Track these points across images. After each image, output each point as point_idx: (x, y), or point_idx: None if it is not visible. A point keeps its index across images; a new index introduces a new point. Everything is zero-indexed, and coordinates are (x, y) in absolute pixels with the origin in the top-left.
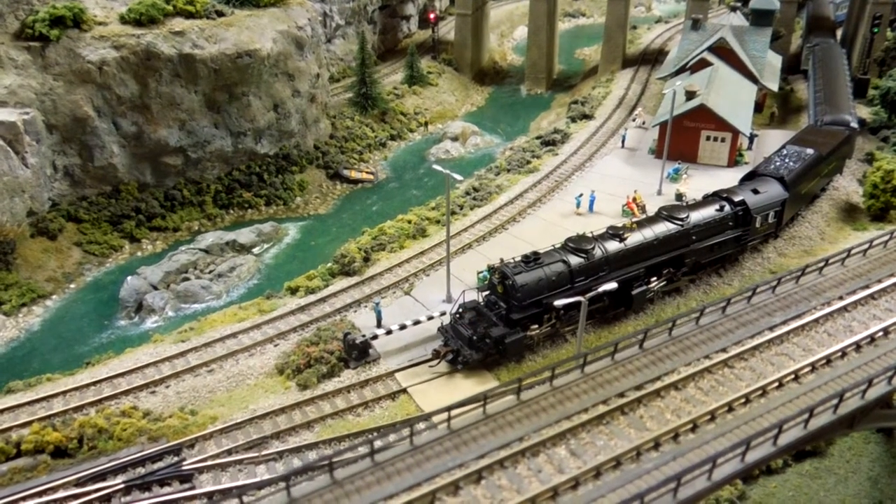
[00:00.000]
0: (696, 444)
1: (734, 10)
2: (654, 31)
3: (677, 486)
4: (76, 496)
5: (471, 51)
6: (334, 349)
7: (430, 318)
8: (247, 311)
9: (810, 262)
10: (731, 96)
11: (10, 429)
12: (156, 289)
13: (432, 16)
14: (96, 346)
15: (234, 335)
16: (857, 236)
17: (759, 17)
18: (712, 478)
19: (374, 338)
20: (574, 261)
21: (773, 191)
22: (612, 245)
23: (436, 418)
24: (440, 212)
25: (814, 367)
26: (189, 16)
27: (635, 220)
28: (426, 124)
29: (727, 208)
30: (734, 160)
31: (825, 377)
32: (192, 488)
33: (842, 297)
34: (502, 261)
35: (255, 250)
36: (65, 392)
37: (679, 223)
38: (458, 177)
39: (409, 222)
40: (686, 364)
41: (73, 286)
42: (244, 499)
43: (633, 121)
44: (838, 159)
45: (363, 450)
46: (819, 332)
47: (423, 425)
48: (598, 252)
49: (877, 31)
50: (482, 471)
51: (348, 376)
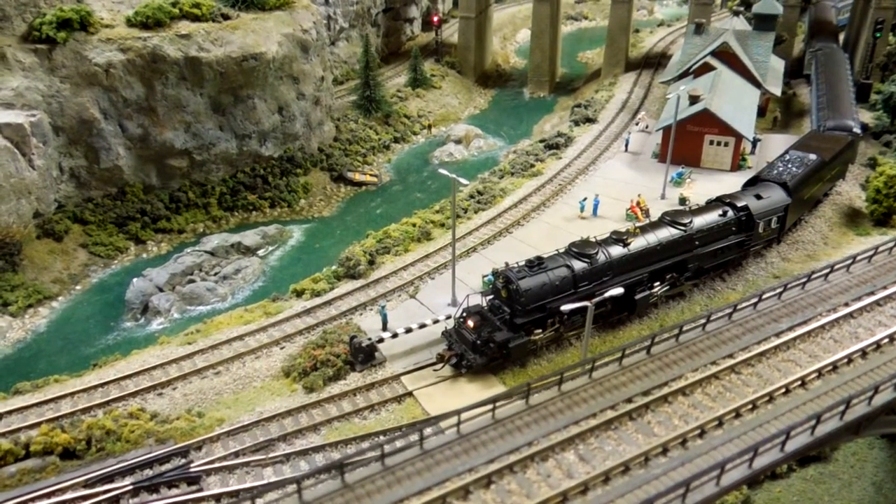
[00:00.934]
0: (703, 449)
1: (737, 14)
2: (657, 34)
3: (686, 492)
4: (84, 497)
5: (474, 54)
6: (340, 352)
7: (436, 321)
8: (252, 314)
9: (814, 267)
10: (734, 101)
11: (18, 430)
12: (161, 291)
13: (435, 19)
14: (102, 347)
15: (240, 337)
16: (860, 241)
17: (762, 22)
18: (720, 483)
19: (380, 341)
20: (578, 265)
21: (775, 196)
22: (616, 250)
23: (445, 422)
24: (444, 215)
25: (820, 373)
26: (195, 19)
27: (639, 225)
28: (429, 127)
29: (730, 213)
30: (737, 164)
31: (832, 383)
32: (200, 490)
33: (847, 304)
34: (507, 265)
35: (260, 252)
36: (73, 393)
37: (682, 228)
38: (463, 181)
39: (414, 225)
40: (693, 370)
41: (78, 287)
42: (257, 501)
43: (637, 125)
44: (841, 164)
45: (373, 454)
46: (825, 339)
47: (431, 429)
48: (601, 257)
49: (879, 35)
50: (492, 475)
51: (354, 379)
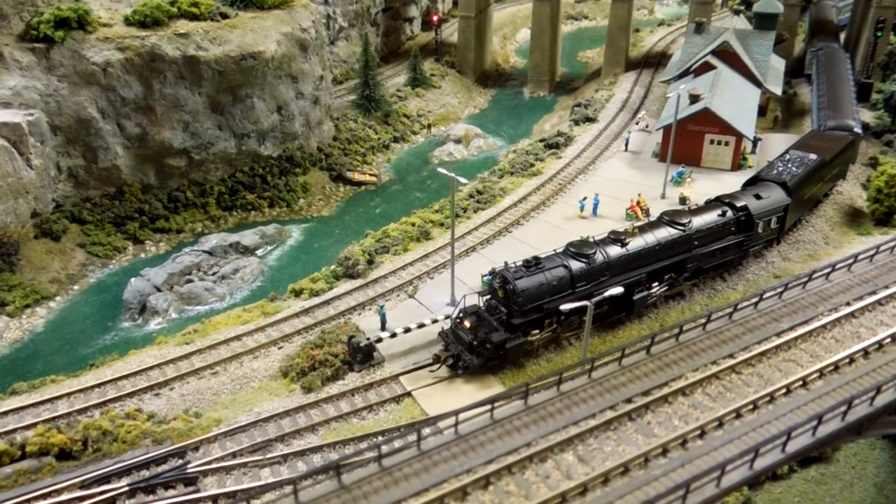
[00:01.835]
0: (704, 450)
1: (737, 13)
2: (657, 34)
3: (686, 493)
4: (81, 499)
5: (474, 53)
6: (339, 352)
7: (435, 321)
8: (251, 314)
9: (815, 266)
10: (734, 100)
11: (14, 431)
12: (159, 290)
13: (435, 18)
14: (100, 347)
15: (238, 337)
16: (861, 241)
17: (763, 21)
18: (721, 485)
19: (379, 341)
20: (575, 266)
21: (775, 196)
22: (614, 250)
23: (442, 423)
24: (444, 214)
25: (822, 373)
26: (193, 18)
27: (637, 224)
28: (429, 127)
29: (729, 213)
30: (738, 164)
31: (833, 384)
32: (197, 491)
33: (849, 303)
34: (506, 264)
35: (259, 252)
36: (69, 394)
37: (681, 228)
38: (463, 180)
39: (413, 225)
40: (694, 370)
41: (76, 287)
42: (254, 503)
43: (637, 124)
44: (841, 164)
45: (370, 454)
46: (827, 338)
47: (429, 430)
48: (599, 257)
49: (880, 34)
50: (490, 476)
51: (353, 379)
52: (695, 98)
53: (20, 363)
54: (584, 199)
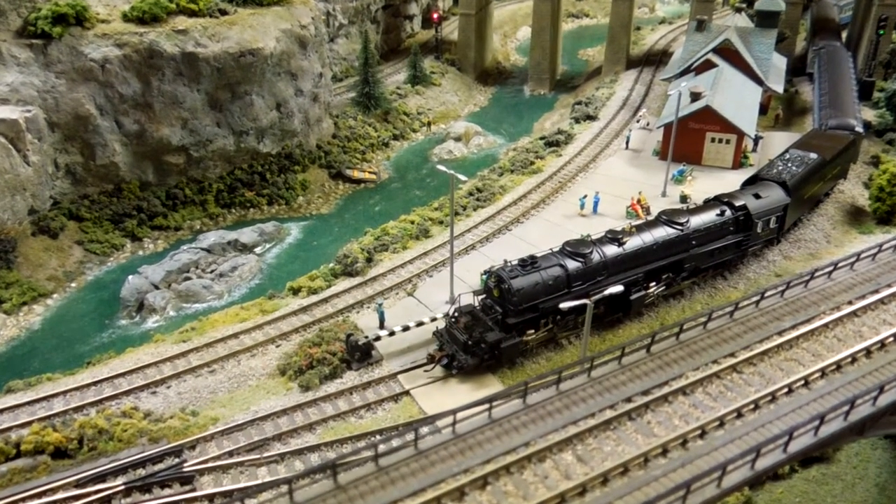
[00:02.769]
0: (704, 450)
1: (739, 11)
2: (658, 32)
3: (686, 494)
4: (76, 497)
5: (474, 51)
6: (337, 350)
7: (434, 319)
8: (249, 312)
9: (817, 265)
10: (735, 98)
11: (9, 429)
12: (157, 288)
13: (436, 15)
14: (97, 345)
15: (235, 335)
16: (863, 240)
17: (764, 19)
18: (722, 485)
19: (377, 339)
20: (571, 265)
21: (774, 195)
22: (611, 249)
23: (440, 422)
24: (443, 212)
25: (824, 372)
26: (192, 14)
27: (634, 224)
28: (429, 124)
29: (728, 213)
30: (739, 162)
31: (835, 383)
32: (193, 490)
33: (851, 302)
34: (506, 262)
35: (257, 250)
36: (65, 392)
37: (679, 228)
38: (462, 177)
39: (412, 223)
40: (694, 369)
41: (74, 285)
42: (249, 502)
43: (638, 122)
44: (842, 164)
45: (367, 454)
46: (829, 338)
47: (427, 429)
48: (596, 256)
49: (882, 33)
50: (488, 476)
51: (351, 378)
52: (696, 96)
53: (17, 361)
54: (585, 197)
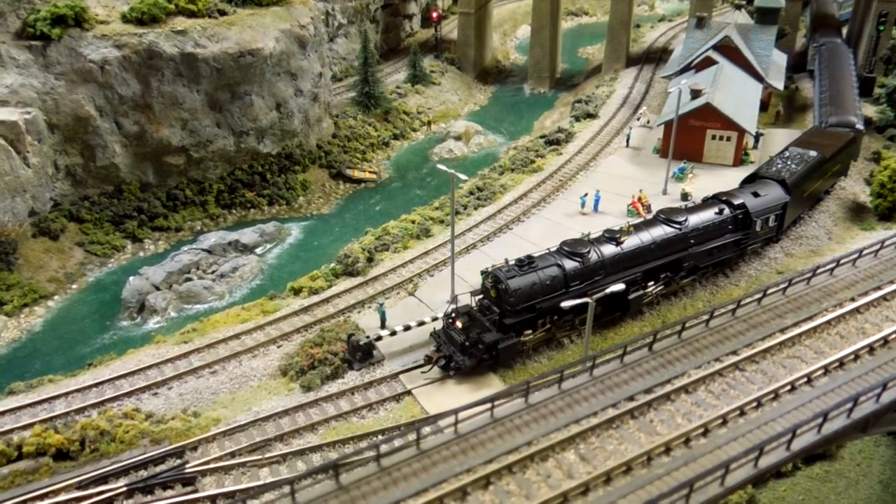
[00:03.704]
0: (707, 448)
1: (739, 7)
2: (658, 29)
3: (690, 492)
4: (78, 499)
5: (474, 50)
6: (338, 350)
7: (435, 318)
8: (250, 312)
9: (818, 262)
10: (736, 95)
11: (11, 431)
12: (158, 289)
13: (435, 14)
14: (98, 346)
15: (236, 336)
16: (864, 236)
17: (764, 15)
18: (725, 483)
19: (379, 339)
20: (569, 265)
21: (774, 194)
22: (609, 249)
23: (442, 422)
24: (444, 212)
25: (826, 369)
26: (191, 14)
27: (632, 223)
28: (429, 123)
29: (727, 211)
30: (740, 159)
31: (838, 380)
32: (196, 491)
33: (854, 299)
34: (506, 261)
35: (258, 250)
36: (67, 394)
37: (677, 227)
38: (463, 176)
39: (413, 222)
40: (696, 367)
41: (74, 286)
42: (249, 503)
43: (638, 120)
44: (843, 162)
45: (369, 454)
46: (831, 335)
47: (429, 429)
48: (593, 256)
49: (882, 28)
50: (490, 476)
51: (352, 378)
52: (696, 93)
53: (18, 363)
54: (585, 195)
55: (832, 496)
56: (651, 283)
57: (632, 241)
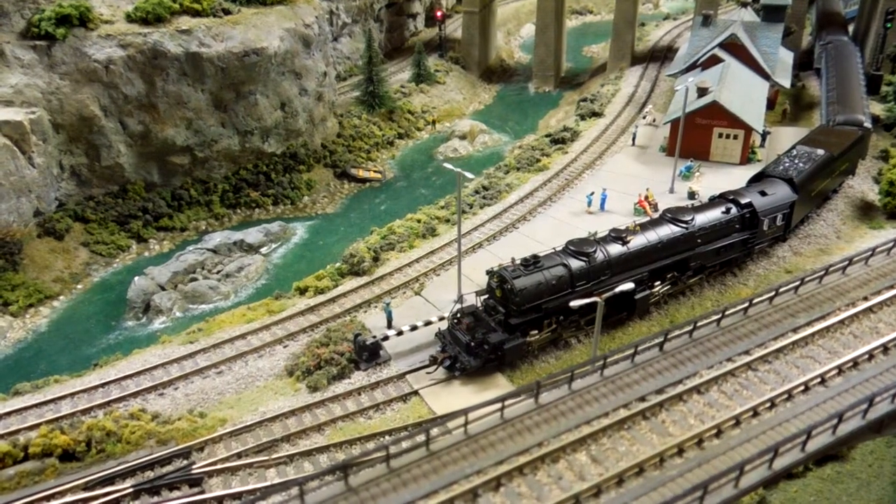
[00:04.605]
0: (721, 450)
1: (745, 5)
2: (663, 28)
3: (704, 494)
4: (85, 500)
5: (478, 49)
6: (344, 350)
7: (442, 318)
8: (255, 312)
9: (827, 261)
10: (743, 93)
11: (17, 431)
12: (163, 289)
13: (439, 14)
14: (104, 347)
15: (242, 336)
16: (873, 235)
17: (771, 13)
18: (739, 485)
19: (385, 339)
20: (575, 264)
21: (781, 193)
22: (615, 248)
23: (451, 423)
24: (449, 211)
25: (840, 369)
26: (196, 14)
27: (639, 222)
28: (434, 123)
29: (734, 210)
30: (747, 158)
31: (852, 380)
32: (202, 492)
33: (867, 298)
34: (513, 260)
35: (263, 250)
36: (73, 394)
37: (684, 226)
38: (469, 174)
39: (419, 221)
40: (708, 367)
41: (80, 286)
42: None
43: (644, 118)
44: (851, 160)
45: (378, 455)
46: (845, 334)
47: (438, 430)
48: (599, 255)
49: (890, 26)
50: (501, 477)
51: (359, 378)
52: (703, 91)
53: (23, 363)
54: (592, 194)
55: (844, 497)
56: (658, 282)
57: (638, 241)
